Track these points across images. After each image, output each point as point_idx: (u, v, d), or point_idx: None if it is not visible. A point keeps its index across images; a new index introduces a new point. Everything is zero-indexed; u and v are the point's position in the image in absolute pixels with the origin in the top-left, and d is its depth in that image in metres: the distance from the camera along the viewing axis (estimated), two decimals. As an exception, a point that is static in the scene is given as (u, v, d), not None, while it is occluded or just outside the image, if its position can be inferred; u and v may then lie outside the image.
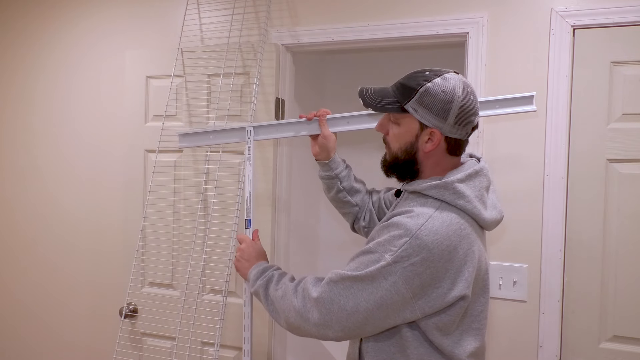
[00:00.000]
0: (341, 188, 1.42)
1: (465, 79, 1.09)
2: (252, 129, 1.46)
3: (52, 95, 2.28)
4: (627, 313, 1.52)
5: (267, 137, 1.47)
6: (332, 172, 1.41)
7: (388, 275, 0.99)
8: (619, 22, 1.50)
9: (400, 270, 0.98)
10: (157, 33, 2.09)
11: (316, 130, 1.40)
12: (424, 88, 1.05)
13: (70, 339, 2.27)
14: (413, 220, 1.00)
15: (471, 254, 1.03)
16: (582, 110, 1.55)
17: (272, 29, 1.91)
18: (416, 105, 1.06)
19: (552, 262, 1.57)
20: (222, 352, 1.86)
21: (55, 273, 2.29)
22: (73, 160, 2.25)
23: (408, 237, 0.98)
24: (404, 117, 1.09)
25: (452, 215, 1.03)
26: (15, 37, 2.35)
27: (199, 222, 1.84)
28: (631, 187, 1.52)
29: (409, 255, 0.98)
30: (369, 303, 1.01)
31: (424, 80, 1.06)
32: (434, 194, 1.05)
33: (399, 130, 1.11)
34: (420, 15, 1.72)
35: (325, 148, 1.39)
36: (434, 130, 1.06)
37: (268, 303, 1.20)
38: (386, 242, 1.01)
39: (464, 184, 1.06)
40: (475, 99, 1.08)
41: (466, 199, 1.05)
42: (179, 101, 1.99)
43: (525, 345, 1.60)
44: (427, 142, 1.08)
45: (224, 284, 1.70)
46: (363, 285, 1.01)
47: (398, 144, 1.12)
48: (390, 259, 0.98)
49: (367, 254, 1.03)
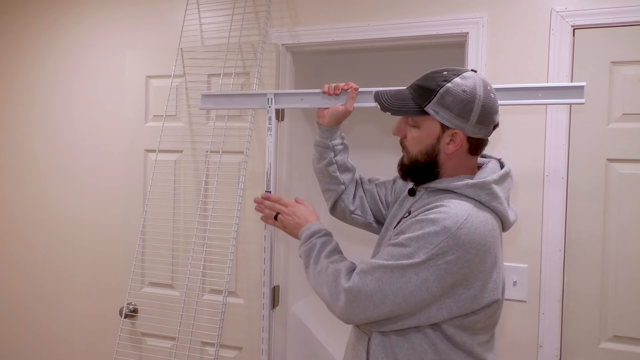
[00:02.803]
0: (333, 161, 1.37)
1: (484, 77, 1.08)
2: (274, 96, 1.44)
3: (52, 95, 2.28)
4: (627, 313, 1.52)
5: (288, 106, 1.45)
6: (329, 140, 1.36)
7: (420, 271, 0.97)
8: (619, 22, 1.50)
9: (434, 268, 0.97)
10: (157, 33, 2.09)
11: (341, 103, 1.34)
12: (444, 88, 1.03)
13: (71, 338, 2.27)
14: (451, 218, 0.97)
15: (499, 255, 1.04)
16: (582, 110, 1.55)
17: (272, 29, 1.91)
18: (437, 107, 1.03)
19: (552, 262, 1.57)
20: (222, 352, 1.86)
21: (55, 273, 2.29)
22: (73, 160, 2.25)
23: (445, 236, 0.96)
24: (424, 120, 1.07)
25: (487, 216, 1.02)
26: (15, 37, 2.35)
27: (199, 222, 1.84)
28: (631, 187, 1.52)
29: (445, 253, 0.96)
30: (397, 297, 0.99)
31: (443, 81, 1.04)
32: (469, 193, 1.03)
33: (419, 133, 1.08)
34: (420, 15, 1.72)
35: (338, 120, 1.34)
36: (456, 131, 1.04)
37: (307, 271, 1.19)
38: (420, 239, 0.98)
39: (498, 185, 1.05)
40: (495, 97, 1.06)
41: (499, 200, 1.04)
42: (179, 101, 1.99)
43: (525, 345, 1.60)
44: (448, 143, 1.06)
45: (224, 284, 1.70)
46: (393, 278, 0.99)
47: (418, 147, 1.09)
48: (424, 256, 0.96)
49: (399, 246, 1.01)
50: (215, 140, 1.84)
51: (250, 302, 1.92)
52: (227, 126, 1.84)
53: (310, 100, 1.39)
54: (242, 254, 1.93)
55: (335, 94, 1.34)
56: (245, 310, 1.92)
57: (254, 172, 1.89)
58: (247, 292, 1.93)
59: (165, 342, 1.99)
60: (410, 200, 1.18)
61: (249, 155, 1.83)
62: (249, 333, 1.91)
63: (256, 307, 1.92)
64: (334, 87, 1.34)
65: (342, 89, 1.34)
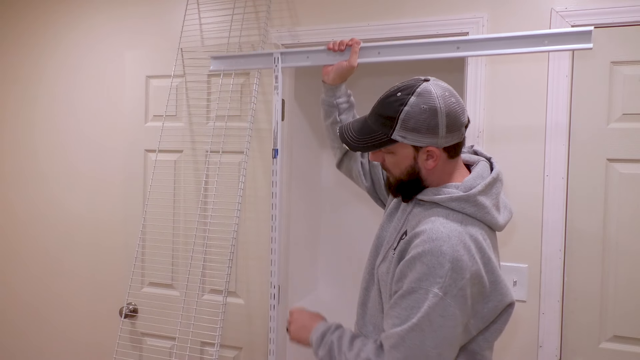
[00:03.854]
0: (337, 120, 1.37)
1: (438, 82, 1.04)
2: (280, 55, 1.46)
3: (53, 95, 2.28)
4: (627, 313, 1.52)
5: (295, 64, 1.47)
6: (334, 99, 1.36)
7: (443, 310, 0.93)
8: (619, 22, 1.50)
9: (453, 300, 0.93)
10: (157, 33, 2.09)
11: (345, 58, 1.34)
12: (403, 113, 1.00)
13: (71, 338, 2.27)
14: (445, 243, 0.95)
15: (496, 261, 1.04)
16: (582, 110, 1.55)
17: (272, 29, 1.91)
18: (402, 132, 1.01)
19: (552, 262, 1.57)
20: (222, 352, 1.86)
21: (55, 273, 2.29)
22: (73, 159, 2.25)
23: (450, 263, 0.93)
24: (396, 146, 1.05)
25: (475, 229, 1.01)
26: (17, 38, 2.35)
27: (199, 222, 1.84)
28: (631, 187, 1.52)
29: (455, 280, 0.93)
30: (438, 348, 0.94)
31: (399, 105, 1.01)
32: (454, 207, 1.02)
33: (395, 158, 1.07)
34: (420, 15, 1.71)
35: (342, 76, 1.34)
36: (430, 148, 1.02)
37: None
38: (427, 276, 0.94)
39: (484, 195, 1.03)
40: (456, 99, 1.03)
41: (485, 210, 1.02)
42: (179, 101, 1.99)
43: (525, 345, 1.60)
44: (426, 160, 1.04)
45: (224, 284, 1.70)
46: (424, 335, 0.94)
47: (399, 170, 1.08)
48: (440, 292, 0.93)
49: (410, 294, 0.96)
50: (215, 140, 1.84)
51: (250, 302, 1.92)
52: (227, 126, 1.84)
53: (315, 58, 1.42)
54: (242, 254, 1.93)
55: (340, 50, 1.35)
56: (245, 310, 1.92)
57: (254, 172, 1.89)
58: (247, 292, 1.93)
59: (165, 342, 1.99)
60: (405, 211, 1.14)
61: (249, 155, 1.83)
62: (249, 333, 1.91)
63: (256, 307, 1.92)
64: (339, 43, 1.36)
65: (347, 44, 1.35)
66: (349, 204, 2.46)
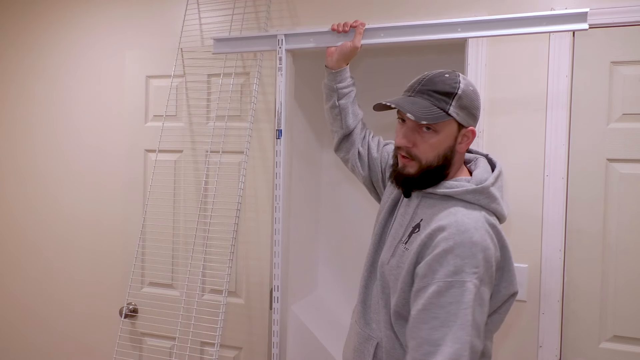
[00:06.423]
0: (337, 104, 1.37)
1: None
2: (284, 37, 1.46)
3: (52, 95, 2.28)
4: (627, 313, 1.52)
5: (298, 46, 1.47)
6: (335, 83, 1.36)
7: (481, 299, 0.96)
8: (619, 22, 1.50)
9: (488, 288, 0.98)
10: (157, 33, 2.09)
11: (349, 39, 1.35)
12: (460, 90, 1.05)
13: (70, 338, 2.27)
14: (475, 234, 0.97)
15: None
16: (582, 110, 1.55)
17: (272, 29, 1.91)
18: (457, 109, 1.04)
19: (552, 262, 1.57)
20: (222, 352, 1.86)
21: (55, 273, 2.29)
22: (73, 160, 2.25)
23: (482, 252, 0.96)
24: (445, 124, 1.05)
25: (492, 218, 1.05)
26: (15, 37, 2.35)
27: (199, 222, 1.84)
28: (631, 187, 1.52)
29: (487, 269, 0.97)
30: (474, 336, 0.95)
31: (454, 83, 1.05)
32: (469, 199, 1.04)
33: (438, 137, 1.05)
34: (420, 16, 1.71)
35: (346, 57, 1.35)
36: (470, 129, 1.07)
37: None
38: (463, 267, 0.95)
39: (494, 187, 1.07)
40: None
41: (497, 201, 1.06)
42: (179, 101, 1.99)
43: (525, 345, 1.60)
44: (461, 142, 1.08)
45: (224, 284, 1.70)
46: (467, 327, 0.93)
47: (435, 152, 1.06)
48: (477, 281, 0.95)
49: (448, 290, 0.95)
50: (215, 140, 1.84)
51: (250, 302, 1.92)
52: (227, 126, 1.84)
53: (319, 40, 1.42)
54: (242, 254, 1.93)
55: (344, 31, 1.36)
56: (245, 310, 1.92)
57: (254, 172, 1.89)
58: (247, 292, 1.93)
59: (165, 342, 1.99)
60: (410, 205, 1.14)
61: (249, 155, 1.83)
62: (249, 333, 1.91)
63: (256, 307, 1.92)
64: (343, 24, 1.37)
65: (352, 25, 1.36)
66: (349, 202, 2.46)
